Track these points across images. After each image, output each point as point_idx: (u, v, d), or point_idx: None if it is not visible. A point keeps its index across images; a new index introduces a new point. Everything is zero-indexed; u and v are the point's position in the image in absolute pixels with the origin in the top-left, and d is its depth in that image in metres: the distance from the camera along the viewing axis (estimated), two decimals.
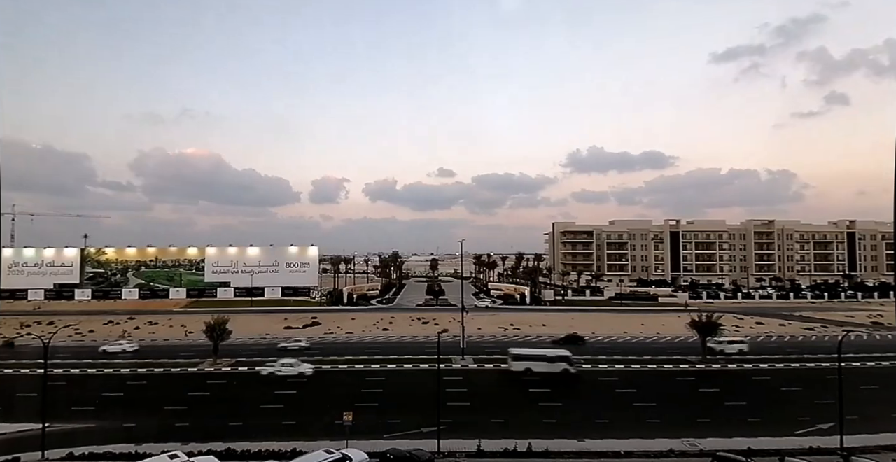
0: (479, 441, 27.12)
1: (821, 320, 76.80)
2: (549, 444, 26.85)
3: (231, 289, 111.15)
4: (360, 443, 26.75)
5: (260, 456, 25.70)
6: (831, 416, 28.55)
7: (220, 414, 33.17)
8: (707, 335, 48.39)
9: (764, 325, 72.61)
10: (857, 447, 26.00)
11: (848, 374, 36.79)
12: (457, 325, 60.94)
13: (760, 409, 33.65)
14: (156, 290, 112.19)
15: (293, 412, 33.27)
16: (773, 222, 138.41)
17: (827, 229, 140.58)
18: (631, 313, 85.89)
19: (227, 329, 49.15)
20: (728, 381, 41.21)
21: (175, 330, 69.05)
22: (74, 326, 69.49)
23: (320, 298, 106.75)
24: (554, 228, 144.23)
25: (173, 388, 39.47)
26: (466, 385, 39.68)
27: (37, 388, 32.48)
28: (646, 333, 64.75)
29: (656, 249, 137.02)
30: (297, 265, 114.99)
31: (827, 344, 55.34)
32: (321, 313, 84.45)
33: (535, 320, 75.95)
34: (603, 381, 41.19)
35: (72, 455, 25.72)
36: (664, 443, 27.36)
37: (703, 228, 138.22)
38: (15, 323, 73.85)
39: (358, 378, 42.03)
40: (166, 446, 26.79)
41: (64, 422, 30.55)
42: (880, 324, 73.50)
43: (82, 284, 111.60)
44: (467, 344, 52.66)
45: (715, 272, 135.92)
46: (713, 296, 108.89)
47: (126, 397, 37.27)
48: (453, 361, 47.69)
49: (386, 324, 72.94)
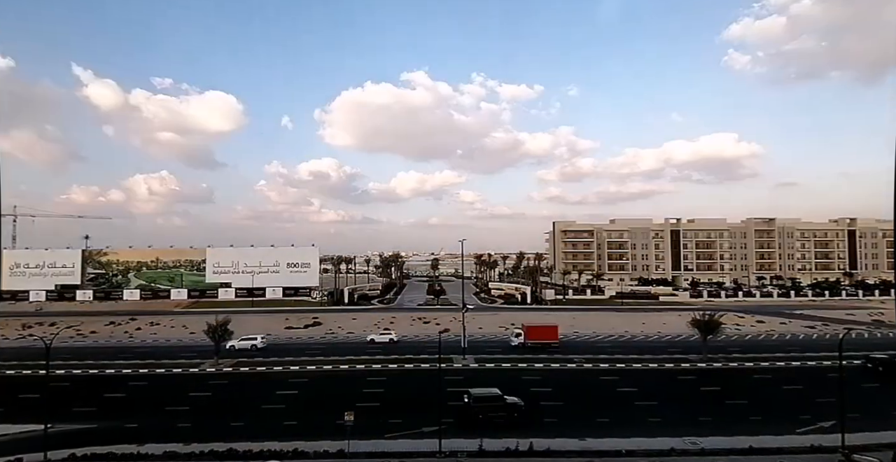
0: (480, 440, 27.13)
1: (822, 318, 76.77)
2: (551, 443, 26.87)
3: (232, 289, 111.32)
4: (360, 443, 26.81)
5: (262, 456, 25.71)
6: (832, 415, 28.60)
7: (222, 414, 33.22)
8: (708, 334, 48.43)
9: (765, 323, 72.61)
10: (859, 445, 25.97)
11: (849, 372, 36.91)
12: (458, 324, 61.03)
13: (762, 408, 33.66)
14: (157, 291, 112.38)
15: (295, 412, 33.30)
16: (774, 220, 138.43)
17: (828, 227, 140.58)
18: (632, 312, 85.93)
19: (229, 329, 49.23)
20: (729, 380, 41.17)
21: (177, 330, 69.17)
22: (76, 327, 69.70)
23: (321, 298, 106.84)
24: (555, 228, 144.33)
25: (175, 388, 39.51)
26: (467, 384, 39.64)
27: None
28: (647, 332, 64.76)
29: (657, 248, 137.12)
30: (297, 265, 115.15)
31: (828, 342, 55.28)
32: (322, 313, 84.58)
33: (536, 320, 75.88)
34: (604, 380, 41.21)
35: (74, 456, 25.73)
36: (665, 441, 27.35)
37: (704, 227, 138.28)
38: (17, 324, 74.04)
39: (359, 378, 42.08)
40: (168, 447, 26.88)
41: (66, 423, 30.59)
42: (881, 322, 73.50)
43: (83, 285, 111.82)
44: (468, 343, 52.69)
45: (715, 271, 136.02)
46: (714, 294, 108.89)
47: (128, 398, 37.36)
48: (454, 361, 47.70)
49: (387, 323, 72.97)
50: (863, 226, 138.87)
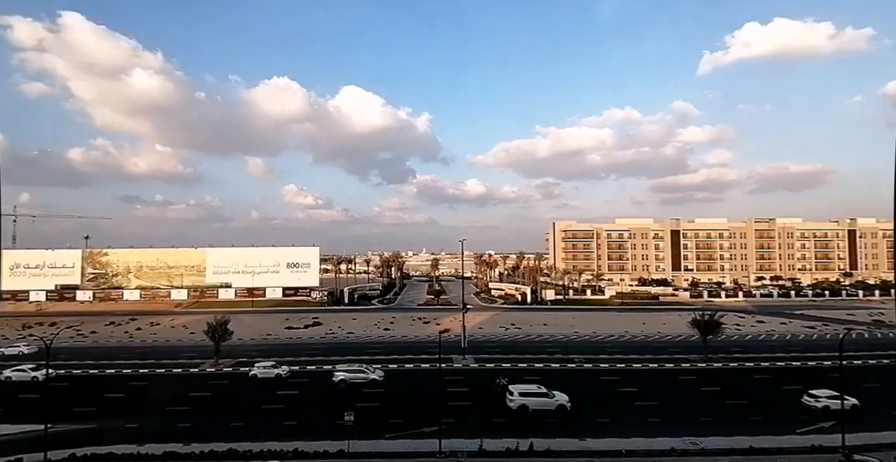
0: (480, 440, 27.15)
1: (822, 318, 76.77)
2: (551, 444, 26.89)
3: (232, 289, 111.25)
4: (360, 443, 26.81)
5: (262, 456, 25.73)
6: (832, 415, 28.61)
7: (222, 414, 33.24)
8: (709, 334, 48.44)
9: (765, 323, 72.61)
10: (859, 445, 26.01)
11: (849, 373, 36.94)
12: (458, 324, 61.04)
13: (762, 408, 33.67)
14: (157, 291, 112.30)
15: (294, 412, 33.32)
16: (774, 221, 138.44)
17: (828, 227, 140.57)
18: (632, 312, 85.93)
19: (229, 329, 49.22)
20: (729, 380, 41.18)
21: (177, 330, 69.15)
22: (76, 327, 69.72)
23: (321, 298, 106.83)
24: (555, 228, 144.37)
25: (175, 388, 39.50)
26: (468, 384, 39.70)
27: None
28: (647, 332, 64.75)
29: (657, 249, 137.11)
30: (297, 265, 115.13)
31: (828, 342, 55.32)
32: (322, 313, 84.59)
33: (537, 320, 76.01)
34: (604, 380, 41.22)
35: (74, 456, 25.75)
36: (665, 442, 27.37)
37: (704, 227, 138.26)
38: (17, 324, 74.05)
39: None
40: (168, 447, 26.89)
41: (66, 423, 30.60)
42: (881, 322, 73.49)
43: (84, 285, 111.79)
44: (468, 343, 52.68)
45: (716, 271, 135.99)
46: (714, 294, 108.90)
47: (128, 398, 37.36)
48: (454, 361, 47.71)
49: (387, 324, 73.03)
50: (863, 226, 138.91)
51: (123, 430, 29.81)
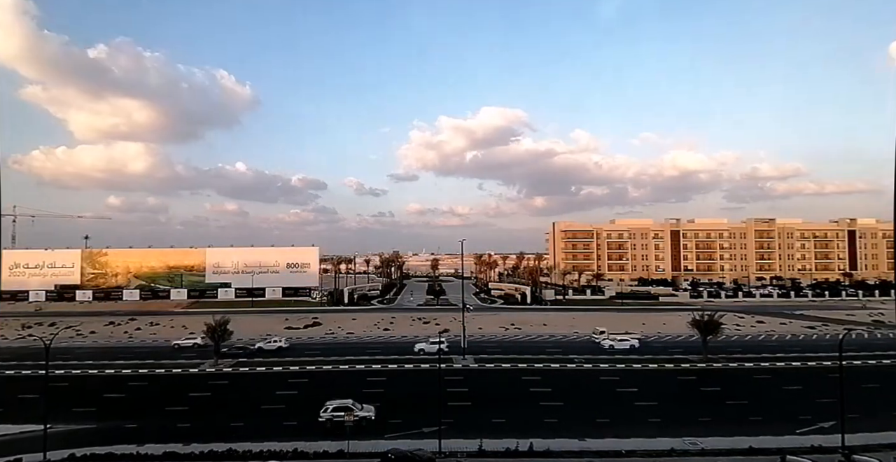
0: (480, 441, 27.14)
1: (822, 319, 76.75)
2: (551, 444, 26.88)
3: (232, 289, 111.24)
4: (360, 443, 26.80)
5: (262, 456, 25.74)
6: (832, 415, 28.60)
7: (222, 414, 33.24)
8: (708, 334, 48.44)
9: (765, 323, 72.59)
10: (859, 445, 26.00)
11: (849, 373, 36.89)
12: (458, 324, 61.05)
13: (762, 408, 33.68)
14: (157, 291, 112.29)
15: (294, 412, 33.29)
16: (774, 221, 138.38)
17: (827, 228, 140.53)
18: (632, 312, 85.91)
19: (229, 330, 49.22)
20: (729, 380, 41.19)
21: (176, 330, 68.98)
22: (76, 327, 69.66)
23: (321, 299, 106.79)
24: (555, 228, 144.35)
25: (175, 388, 39.51)
26: (467, 385, 39.70)
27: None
28: (647, 332, 64.68)
29: (657, 249, 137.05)
30: (297, 265, 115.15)
31: (828, 342, 55.31)
32: (322, 313, 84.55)
33: (536, 320, 76.00)
34: (604, 381, 41.21)
35: (74, 456, 25.73)
36: (665, 442, 27.37)
37: (704, 227, 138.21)
38: (17, 324, 73.98)
39: (359, 378, 42.05)
40: (168, 447, 26.88)
41: (66, 423, 30.59)
42: (881, 322, 73.47)
43: (83, 285, 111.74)
44: (468, 344, 52.66)
45: (715, 271, 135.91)
46: (714, 295, 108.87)
47: (128, 398, 37.35)
48: (454, 361, 47.69)
49: (387, 324, 72.99)
50: (863, 226, 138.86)
51: (123, 430, 29.82)
